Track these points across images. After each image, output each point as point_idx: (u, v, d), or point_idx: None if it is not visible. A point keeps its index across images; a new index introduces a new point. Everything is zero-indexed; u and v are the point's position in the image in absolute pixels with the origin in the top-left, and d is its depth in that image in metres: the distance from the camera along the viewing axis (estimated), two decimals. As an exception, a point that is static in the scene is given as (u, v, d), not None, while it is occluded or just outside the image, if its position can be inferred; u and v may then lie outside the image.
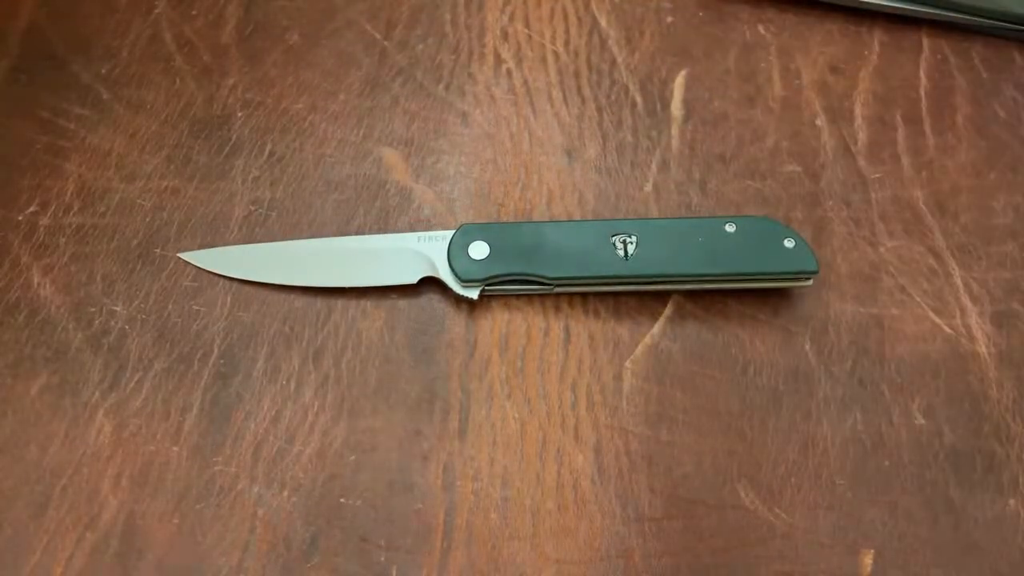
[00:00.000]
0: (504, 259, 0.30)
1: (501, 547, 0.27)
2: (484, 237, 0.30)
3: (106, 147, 0.33)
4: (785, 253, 0.29)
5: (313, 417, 0.29)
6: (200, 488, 0.28)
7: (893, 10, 0.35)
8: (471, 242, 0.30)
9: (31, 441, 0.28)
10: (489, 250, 0.30)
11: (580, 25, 0.36)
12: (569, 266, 0.29)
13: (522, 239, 0.30)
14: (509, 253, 0.30)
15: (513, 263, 0.29)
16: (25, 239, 0.31)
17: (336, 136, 0.34)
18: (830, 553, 0.27)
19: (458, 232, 0.30)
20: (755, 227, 0.29)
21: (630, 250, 0.29)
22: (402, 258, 0.30)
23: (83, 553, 0.27)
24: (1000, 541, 0.27)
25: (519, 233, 0.30)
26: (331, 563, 0.27)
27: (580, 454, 0.28)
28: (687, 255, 0.29)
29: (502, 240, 0.30)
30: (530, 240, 0.30)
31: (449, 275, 0.30)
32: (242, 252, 0.31)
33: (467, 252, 0.30)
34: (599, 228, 0.30)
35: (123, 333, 0.30)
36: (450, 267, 0.30)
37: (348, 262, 0.31)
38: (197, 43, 0.35)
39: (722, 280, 0.30)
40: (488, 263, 0.29)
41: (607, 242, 0.29)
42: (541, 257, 0.29)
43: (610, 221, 0.30)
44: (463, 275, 0.29)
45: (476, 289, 0.30)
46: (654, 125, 0.34)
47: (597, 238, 0.30)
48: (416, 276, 0.30)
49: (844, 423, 0.29)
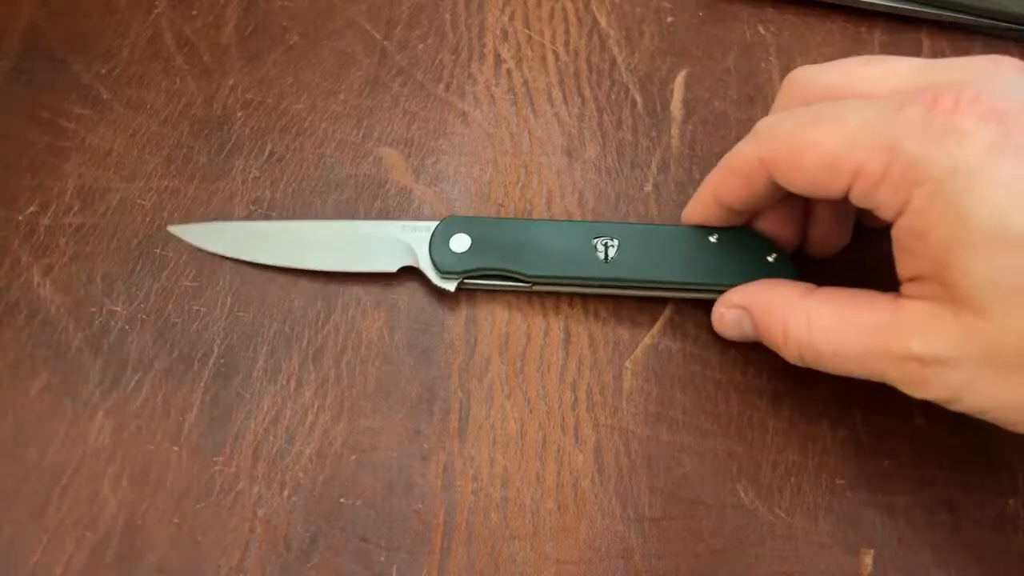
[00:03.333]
0: (483, 253, 0.29)
1: (501, 547, 0.27)
2: (467, 230, 0.30)
3: (106, 147, 0.33)
4: (767, 267, 0.28)
5: (313, 417, 0.29)
6: (200, 488, 0.28)
7: (893, 10, 0.35)
8: (453, 234, 0.30)
9: (31, 441, 0.28)
10: (470, 243, 0.30)
11: (580, 25, 0.36)
12: (547, 265, 0.29)
13: (504, 235, 0.30)
14: (489, 248, 0.30)
15: (492, 258, 0.29)
16: (25, 239, 0.31)
17: (336, 136, 0.34)
18: (830, 553, 0.27)
19: (442, 223, 0.30)
20: (739, 239, 0.29)
21: (611, 253, 0.29)
22: (385, 245, 0.30)
23: (83, 553, 0.27)
24: (1000, 541, 0.27)
25: (502, 228, 0.30)
26: (331, 563, 0.27)
27: (580, 454, 0.28)
28: (668, 263, 0.29)
29: (484, 234, 0.30)
30: (512, 236, 0.30)
31: (428, 265, 0.30)
32: (227, 228, 0.31)
33: (448, 244, 0.30)
34: (582, 229, 0.30)
35: (123, 333, 0.30)
36: (430, 257, 0.30)
37: (331, 245, 0.31)
38: (197, 43, 0.35)
39: (702, 290, 0.29)
40: (467, 256, 0.29)
41: (588, 244, 0.29)
42: (521, 254, 0.29)
43: (595, 223, 0.30)
44: (442, 266, 0.29)
45: (454, 281, 0.30)
46: (654, 125, 0.34)
47: (579, 239, 0.29)
48: (396, 265, 0.30)
49: (844, 423, 0.29)
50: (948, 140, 0.21)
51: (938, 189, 0.21)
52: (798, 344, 0.25)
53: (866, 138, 0.22)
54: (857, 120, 0.23)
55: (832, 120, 0.23)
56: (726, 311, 0.28)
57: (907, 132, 0.22)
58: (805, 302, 0.26)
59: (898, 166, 0.22)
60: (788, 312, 0.26)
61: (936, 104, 0.22)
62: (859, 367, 0.24)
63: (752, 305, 0.27)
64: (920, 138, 0.21)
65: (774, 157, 0.25)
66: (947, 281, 0.22)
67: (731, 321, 0.28)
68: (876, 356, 0.24)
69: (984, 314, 0.21)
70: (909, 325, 0.23)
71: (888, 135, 0.22)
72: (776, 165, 0.25)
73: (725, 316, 0.28)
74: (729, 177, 0.27)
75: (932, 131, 0.21)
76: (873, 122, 0.22)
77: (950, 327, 0.22)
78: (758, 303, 0.27)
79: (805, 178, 0.24)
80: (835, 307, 0.25)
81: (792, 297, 0.26)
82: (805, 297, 0.26)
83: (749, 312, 0.27)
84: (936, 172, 0.21)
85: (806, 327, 0.25)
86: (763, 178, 0.26)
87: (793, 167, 0.24)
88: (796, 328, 0.25)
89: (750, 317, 0.27)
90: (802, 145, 0.24)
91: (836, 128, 0.23)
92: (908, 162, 0.22)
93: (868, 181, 0.22)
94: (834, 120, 0.23)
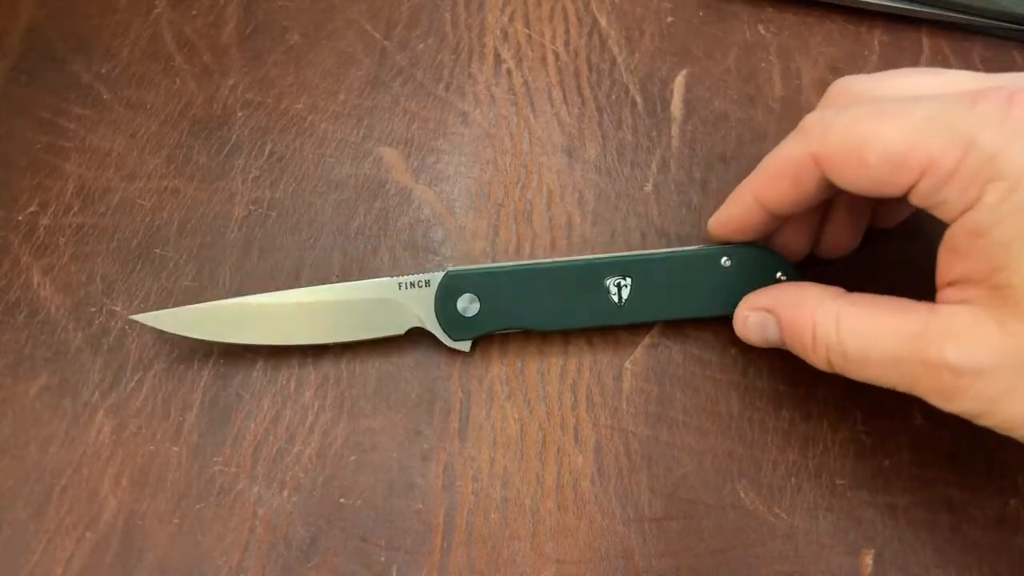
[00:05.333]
0: (495, 313, 0.29)
1: (501, 547, 0.27)
2: (472, 288, 0.29)
3: (106, 147, 0.33)
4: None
5: (313, 417, 0.29)
6: (200, 488, 0.28)
7: (893, 10, 0.35)
8: (458, 295, 0.29)
9: (31, 441, 0.28)
10: (479, 305, 0.29)
11: (580, 25, 0.36)
12: (562, 317, 0.29)
13: (512, 288, 0.29)
14: (499, 306, 0.29)
15: (504, 317, 0.29)
16: (25, 239, 0.31)
17: (336, 136, 0.34)
18: (830, 553, 0.27)
19: (443, 283, 0.29)
20: (751, 258, 0.28)
21: (624, 294, 0.28)
22: (386, 309, 0.29)
23: (83, 553, 0.27)
24: (1000, 541, 0.27)
25: (508, 281, 0.29)
26: (331, 563, 0.27)
27: (580, 454, 0.28)
28: (683, 296, 0.28)
29: (491, 291, 0.29)
30: (520, 288, 0.29)
31: (439, 331, 0.29)
32: (203, 311, 0.28)
33: (456, 308, 0.29)
34: (593, 269, 0.29)
35: (123, 333, 0.30)
36: (439, 324, 0.29)
37: (328, 317, 0.29)
38: (197, 43, 0.35)
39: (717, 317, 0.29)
40: (478, 320, 0.29)
41: (601, 285, 0.28)
42: (533, 309, 0.29)
43: (605, 259, 0.29)
44: (453, 334, 0.29)
45: (468, 342, 0.29)
46: (654, 125, 0.34)
47: (591, 282, 0.28)
48: (403, 328, 0.29)
49: (844, 423, 0.29)
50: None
51: (1014, 186, 0.20)
52: (827, 346, 0.24)
53: (937, 132, 0.21)
54: (925, 113, 0.22)
55: (897, 113, 0.22)
56: (751, 314, 0.27)
57: (983, 127, 0.21)
58: (836, 303, 0.24)
59: (972, 162, 0.21)
60: (818, 313, 0.25)
61: (1013, 101, 0.21)
62: (889, 374, 0.23)
63: (779, 306, 0.26)
64: (997, 133, 0.20)
65: (829, 153, 0.23)
66: (999, 282, 0.21)
67: (755, 324, 0.27)
68: (909, 363, 0.23)
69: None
70: (947, 330, 0.22)
71: (962, 129, 0.21)
72: (831, 162, 0.23)
73: (749, 319, 0.27)
74: (775, 178, 0.25)
75: (1009, 127, 0.20)
76: (944, 115, 0.21)
77: (991, 333, 0.21)
78: (786, 304, 0.26)
79: (867, 175, 0.23)
80: (867, 310, 0.24)
81: (822, 298, 0.25)
82: (836, 299, 0.25)
83: (776, 314, 0.26)
84: (1013, 169, 0.20)
85: (835, 329, 0.24)
86: (814, 177, 0.24)
87: (853, 163, 0.23)
88: (825, 329, 0.24)
89: (776, 319, 0.26)
90: (863, 139, 0.22)
91: (902, 122, 0.22)
92: (984, 158, 0.21)
93: (938, 176, 0.21)
94: (900, 113, 0.22)
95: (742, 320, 0.28)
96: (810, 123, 0.24)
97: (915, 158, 0.22)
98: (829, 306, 0.24)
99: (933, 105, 0.22)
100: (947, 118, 0.21)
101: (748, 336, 0.28)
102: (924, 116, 0.22)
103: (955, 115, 0.21)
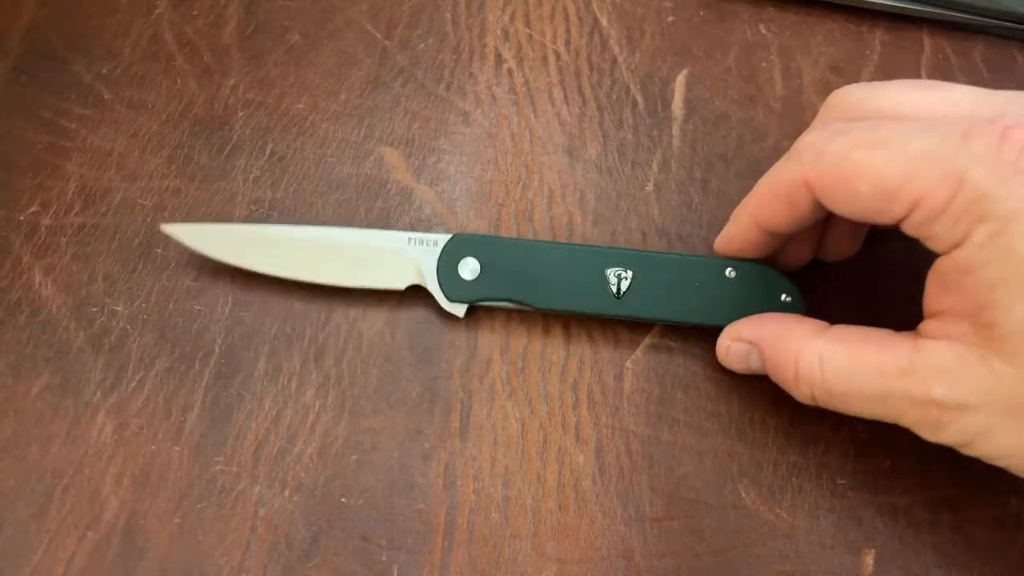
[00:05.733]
0: (494, 281, 0.29)
1: (502, 547, 0.27)
2: (475, 253, 0.29)
3: (107, 147, 0.33)
4: (780, 308, 0.28)
5: (314, 417, 0.29)
6: (201, 488, 0.28)
7: (894, 9, 0.35)
8: (462, 258, 0.29)
9: (32, 441, 0.28)
10: (480, 269, 0.29)
11: (581, 25, 0.36)
12: (558, 297, 0.29)
13: (514, 260, 0.29)
14: (499, 274, 0.29)
15: (503, 286, 0.29)
16: (26, 239, 0.31)
17: (337, 136, 0.34)
18: (831, 553, 0.27)
19: (450, 242, 0.29)
20: (755, 275, 0.28)
21: (623, 287, 0.29)
22: (392, 260, 0.30)
23: (84, 553, 0.27)
24: (1000, 541, 0.27)
25: (512, 251, 0.29)
26: (332, 563, 0.27)
27: (581, 454, 0.28)
28: (681, 300, 0.28)
29: (494, 258, 0.29)
30: (522, 262, 0.29)
31: (437, 290, 0.29)
32: (228, 231, 0.30)
33: (457, 269, 0.29)
34: (596, 256, 0.29)
35: (124, 333, 0.30)
36: (439, 283, 0.29)
37: (335, 257, 0.30)
38: (198, 43, 0.35)
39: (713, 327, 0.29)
40: (477, 284, 0.29)
41: (601, 274, 0.29)
42: (531, 283, 0.29)
43: (610, 250, 0.29)
44: (451, 295, 0.29)
45: (463, 307, 0.29)
46: (655, 124, 0.34)
47: (592, 268, 0.29)
48: (404, 283, 0.30)
49: (845, 423, 0.29)
50: (1018, 179, 0.20)
51: (1001, 229, 0.20)
52: (810, 384, 0.25)
53: (930, 166, 0.21)
54: (919, 146, 0.21)
55: (890, 143, 0.22)
56: (732, 344, 0.27)
57: (975, 164, 0.21)
58: (818, 341, 0.25)
59: (962, 200, 0.21)
60: (800, 351, 0.25)
61: (1006, 138, 0.21)
62: (874, 408, 0.24)
63: (762, 340, 0.26)
64: (989, 172, 0.20)
65: (821, 179, 0.23)
66: (984, 320, 0.21)
67: (737, 355, 0.27)
68: (894, 399, 0.23)
69: (1015, 360, 0.21)
70: (931, 368, 0.22)
71: (955, 166, 0.21)
72: (824, 188, 0.23)
73: (732, 349, 0.28)
74: (770, 200, 0.26)
75: (1001, 167, 0.20)
76: (938, 150, 0.21)
77: (975, 371, 0.21)
78: (768, 339, 0.26)
79: (857, 204, 0.23)
80: (849, 347, 0.24)
81: (804, 335, 0.25)
82: (818, 336, 0.25)
83: (758, 347, 0.27)
84: (1002, 211, 0.20)
85: (819, 367, 0.24)
86: (807, 200, 0.24)
87: (844, 192, 0.23)
88: (808, 368, 0.24)
89: (759, 353, 0.27)
90: (855, 169, 0.22)
91: (895, 153, 0.22)
92: (974, 197, 0.21)
93: (928, 211, 0.21)
94: (892, 144, 0.22)
95: (724, 349, 0.28)
96: (803, 146, 0.24)
97: (907, 192, 0.22)
98: (811, 344, 0.25)
99: (928, 137, 0.22)
100: (942, 152, 0.21)
101: (730, 364, 0.28)
102: (918, 148, 0.22)
103: (949, 149, 0.21)
